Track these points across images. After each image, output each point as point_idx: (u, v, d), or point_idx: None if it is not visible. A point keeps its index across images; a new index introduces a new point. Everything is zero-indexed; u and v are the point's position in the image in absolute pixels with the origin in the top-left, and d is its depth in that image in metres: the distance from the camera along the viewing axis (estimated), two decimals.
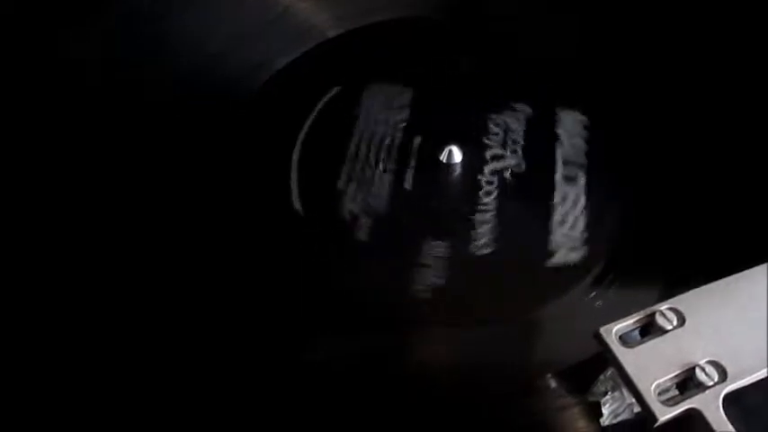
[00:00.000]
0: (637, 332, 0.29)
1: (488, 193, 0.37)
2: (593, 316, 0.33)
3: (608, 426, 0.30)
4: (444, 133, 0.39)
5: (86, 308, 0.34)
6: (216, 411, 0.31)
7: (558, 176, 0.38)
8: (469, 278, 0.35)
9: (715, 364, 0.27)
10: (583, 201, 0.37)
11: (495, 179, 0.38)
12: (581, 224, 0.36)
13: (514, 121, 0.40)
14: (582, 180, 0.38)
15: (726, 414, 0.26)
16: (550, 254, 0.35)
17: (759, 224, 0.35)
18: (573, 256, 0.35)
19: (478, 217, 0.37)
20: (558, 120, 0.40)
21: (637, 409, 0.28)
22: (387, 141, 0.40)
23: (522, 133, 0.40)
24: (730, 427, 0.26)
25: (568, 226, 0.36)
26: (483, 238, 0.36)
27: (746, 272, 0.29)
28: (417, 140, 0.39)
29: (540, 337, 0.34)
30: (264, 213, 0.38)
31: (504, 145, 0.39)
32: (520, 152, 0.39)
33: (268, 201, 0.38)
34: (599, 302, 0.34)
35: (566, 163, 0.38)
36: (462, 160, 0.38)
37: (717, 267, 0.30)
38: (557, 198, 0.37)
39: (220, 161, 0.39)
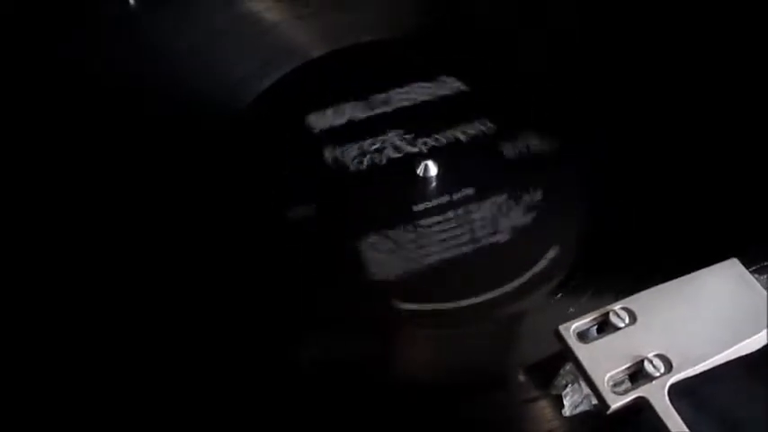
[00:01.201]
0: (594, 329, 0.31)
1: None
2: (557, 317, 0.34)
3: (569, 416, 0.31)
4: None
5: (86, 308, 0.35)
6: (209, 412, 0.32)
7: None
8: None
9: (662, 357, 0.30)
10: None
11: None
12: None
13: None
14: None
15: (678, 405, 0.29)
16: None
17: (703, 233, 0.37)
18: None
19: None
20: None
21: (594, 400, 0.30)
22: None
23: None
24: (674, 412, 0.28)
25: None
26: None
27: (692, 275, 0.32)
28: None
29: (510, 336, 0.35)
30: (251, 220, 0.39)
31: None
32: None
33: (255, 209, 0.39)
34: (565, 306, 0.35)
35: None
36: (438, 174, 0.40)
37: (666, 271, 0.32)
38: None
39: (207, 174, 0.40)
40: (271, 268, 0.37)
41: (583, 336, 0.31)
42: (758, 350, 0.31)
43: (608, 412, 0.29)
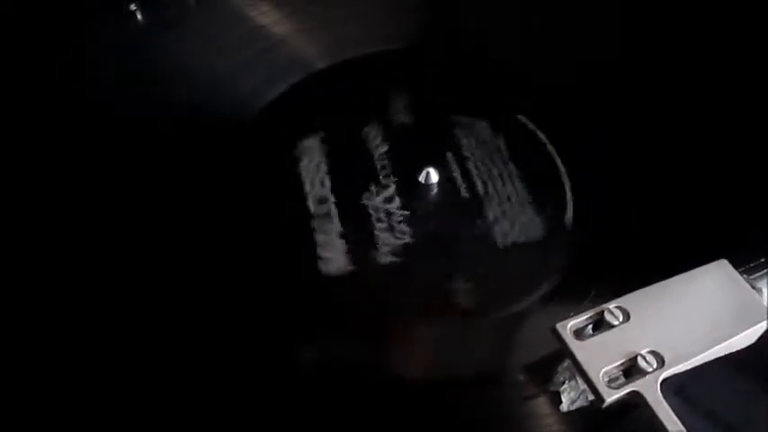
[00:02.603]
0: (589, 327, 0.32)
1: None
2: (553, 315, 0.34)
3: (567, 412, 0.33)
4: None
5: (86, 309, 0.35)
6: (209, 412, 0.33)
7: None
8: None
9: (654, 353, 0.31)
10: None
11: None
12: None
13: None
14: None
15: (670, 399, 0.30)
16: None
17: (694, 235, 0.38)
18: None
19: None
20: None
21: (591, 396, 0.31)
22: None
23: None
24: (666, 406, 0.29)
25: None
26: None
27: (683, 275, 0.33)
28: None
29: (508, 335, 0.36)
30: (259, 226, 0.40)
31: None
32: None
33: (263, 215, 0.40)
34: (561, 305, 0.37)
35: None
36: (439, 180, 0.41)
37: (658, 272, 0.33)
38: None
39: (217, 181, 0.41)
40: (275, 272, 0.38)
41: (579, 333, 0.32)
42: (746, 347, 0.32)
43: (603, 406, 0.30)
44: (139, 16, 0.49)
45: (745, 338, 0.32)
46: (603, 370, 0.30)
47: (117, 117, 0.43)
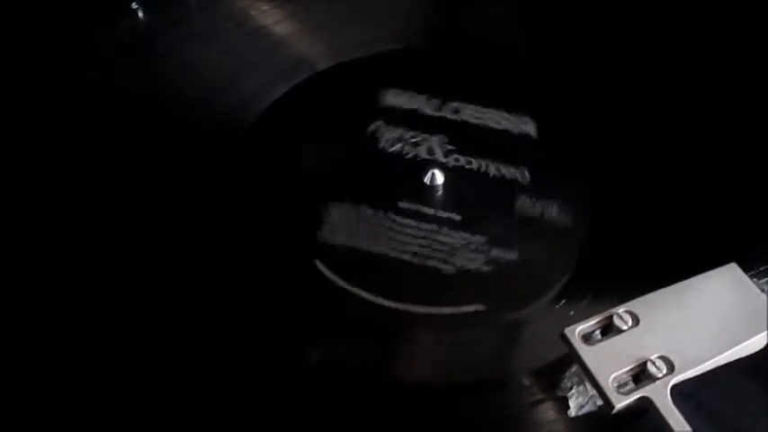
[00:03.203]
0: (598, 332, 0.32)
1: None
2: (562, 320, 0.34)
3: (575, 417, 0.32)
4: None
5: (87, 312, 0.35)
6: (209, 413, 0.32)
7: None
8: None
9: (664, 358, 0.31)
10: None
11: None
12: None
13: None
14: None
15: (680, 405, 0.30)
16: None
17: (703, 238, 0.38)
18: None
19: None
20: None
21: (599, 401, 0.31)
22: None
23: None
24: (677, 412, 0.29)
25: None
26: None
27: (692, 279, 0.33)
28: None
29: (516, 340, 0.36)
30: (261, 226, 0.40)
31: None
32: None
33: (266, 215, 0.40)
34: (569, 310, 0.36)
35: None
36: (444, 182, 0.41)
37: (667, 276, 0.33)
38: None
39: (220, 182, 0.41)
40: (278, 272, 0.38)
41: (587, 338, 0.32)
42: (757, 352, 0.32)
43: (612, 412, 0.30)
44: (141, 15, 0.49)
45: (755, 343, 0.32)
46: (613, 375, 0.30)
47: (118, 117, 0.43)
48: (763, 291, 0.33)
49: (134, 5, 0.48)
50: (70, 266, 0.37)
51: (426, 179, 0.41)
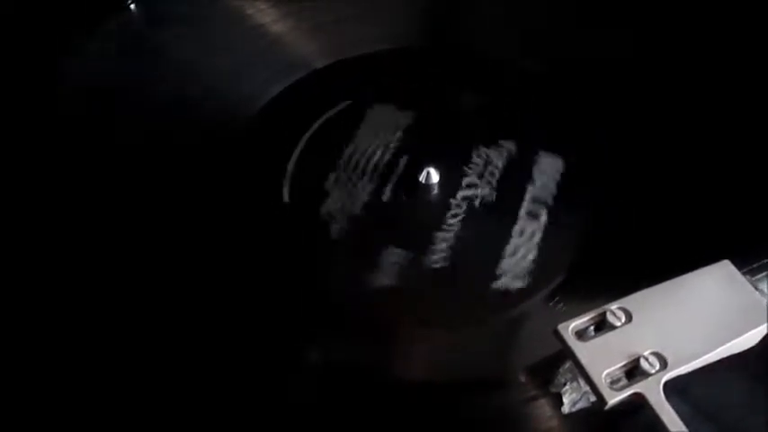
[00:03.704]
0: (591, 329, 0.32)
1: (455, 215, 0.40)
2: (555, 317, 0.34)
3: (569, 414, 0.32)
4: (427, 157, 0.42)
5: (87, 314, 0.35)
6: (210, 415, 0.33)
7: (522, 212, 0.40)
8: (444, 284, 0.38)
9: (657, 354, 0.31)
10: (538, 236, 0.39)
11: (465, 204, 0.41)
12: (531, 257, 0.38)
13: (497, 155, 0.43)
14: (543, 218, 0.40)
15: (673, 401, 0.30)
16: (498, 277, 0.38)
17: (696, 235, 0.38)
18: (516, 283, 0.38)
19: (440, 234, 0.39)
20: (536, 161, 0.42)
21: (592, 397, 0.31)
22: (374, 159, 0.42)
23: (500, 168, 0.42)
24: (669, 407, 0.29)
25: (519, 256, 0.39)
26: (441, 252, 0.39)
27: (686, 276, 0.33)
28: (401, 160, 0.42)
29: (509, 337, 0.36)
30: (260, 223, 0.40)
31: (480, 175, 0.42)
32: (494, 184, 0.41)
33: (264, 212, 0.40)
34: (561, 305, 0.37)
35: (533, 201, 0.41)
36: (439, 182, 0.41)
37: (660, 273, 0.33)
38: (515, 229, 0.40)
39: (218, 179, 0.41)
40: (278, 270, 0.38)
41: (581, 335, 0.31)
42: (749, 348, 0.32)
43: (605, 408, 0.30)
44: (136, 14, 0.49)
45: (748, 340, 0.32)
46: (606, 371, 0.30)
47: (115, 117, 0.44)
48: (756, 288, 0.33)
49: (131, 5, 0.49)
50: (70, 266, 0.37)
51: (422, 177, 0.41)
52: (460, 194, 0.41)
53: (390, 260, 0.38)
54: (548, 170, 0.42)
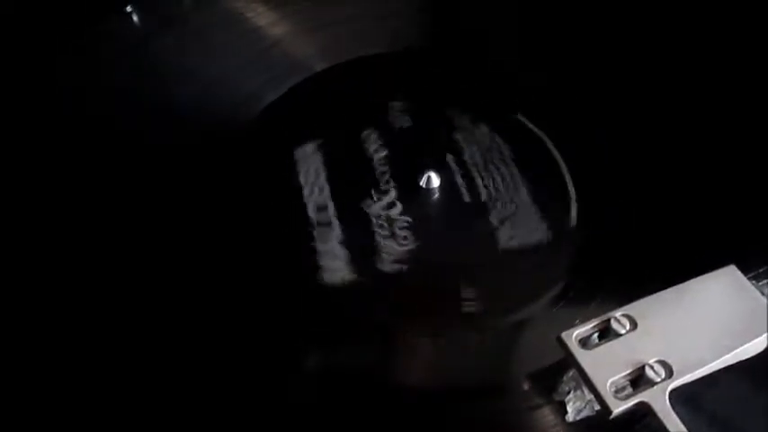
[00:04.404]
0: (595, 336, 0.32)
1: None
2: (559, 324, 0.34)
3: (572, 422, 0.32)
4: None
5: (87, 310, 0.35)
6: (210, 417, 0.32)
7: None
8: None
9: (662, 363, 0.30)
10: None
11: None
12: None
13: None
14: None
15: (678, 410, 0.29)
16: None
17: (702, 240, 0.37)
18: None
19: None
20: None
21: (596, 405, 0.31)
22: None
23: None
24: (675, 417, 0.29)
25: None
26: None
27: (691, 281, 0.33)
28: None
29: (512, 344, 0.36)
30: (258, 226, 0.40)
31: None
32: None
33: (263, 216, 0.40)
34: (566, 313, 0.36)
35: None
36: (440, 185, 0.41)
37: (665, 278, 0.33)
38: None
39: (217, 183, 0.41)
40: (274, 278, 0.38)
41: (585, 342, 0.31)
42: (756, 355, 0.32)
43: (610, 417, 0.30)
44: (135, 18, 0.49)
45: (754, 346, 0.31)
46: (610, 380, 0.30)
47: (115, 119, 0.43)
48: (762, 293, 0.33)
49: (129, 9, 0.48)
50: (70, 265, 0.37)
51: (422, 182, 0.41)
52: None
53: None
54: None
